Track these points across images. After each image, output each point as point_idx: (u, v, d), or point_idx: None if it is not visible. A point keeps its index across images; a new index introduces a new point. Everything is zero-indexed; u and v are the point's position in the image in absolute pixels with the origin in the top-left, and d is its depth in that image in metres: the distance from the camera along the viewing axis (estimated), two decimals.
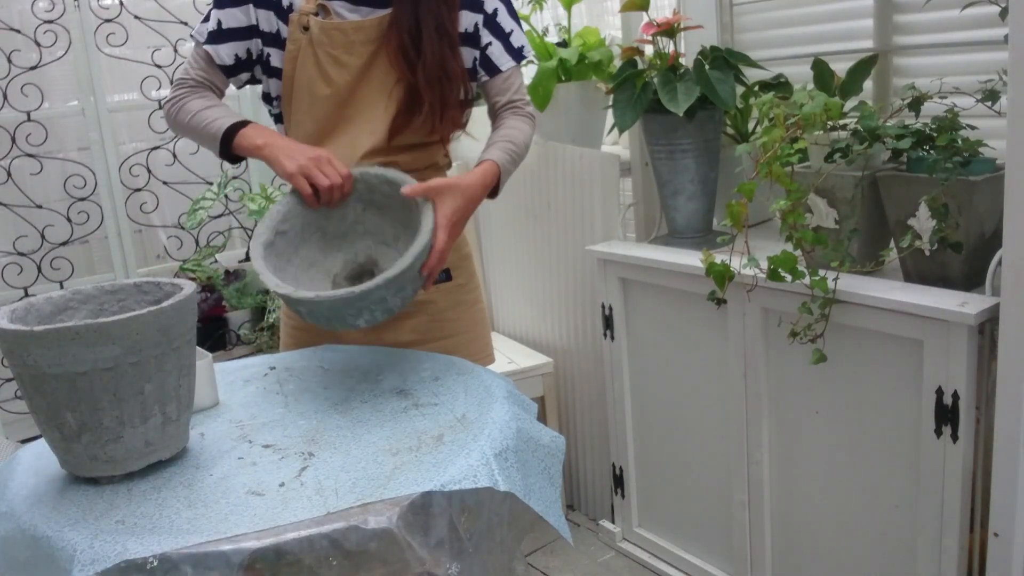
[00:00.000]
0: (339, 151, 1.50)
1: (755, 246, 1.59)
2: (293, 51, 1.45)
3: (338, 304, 1.23)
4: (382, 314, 1.27)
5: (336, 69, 1.45)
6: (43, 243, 2.82)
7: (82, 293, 1.13)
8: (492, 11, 1.50)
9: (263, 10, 1.44)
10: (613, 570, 2.20)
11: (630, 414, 2.13)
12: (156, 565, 0.87)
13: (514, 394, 1.26)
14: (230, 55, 1.46)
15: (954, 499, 1.44)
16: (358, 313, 1.25)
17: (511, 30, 1.53)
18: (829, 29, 1.97)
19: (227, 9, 1.45)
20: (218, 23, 1.45)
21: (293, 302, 1.27)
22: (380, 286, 1.22)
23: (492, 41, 1.51)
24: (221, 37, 1.45)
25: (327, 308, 1.24)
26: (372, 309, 1.26)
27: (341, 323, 1.28)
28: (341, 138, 1.50)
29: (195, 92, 1.48)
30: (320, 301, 1.23)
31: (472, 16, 1.49)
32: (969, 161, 1.45)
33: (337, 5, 1.44)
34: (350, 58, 1.44)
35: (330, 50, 1.44)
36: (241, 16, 1.44)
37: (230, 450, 1.12)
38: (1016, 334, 1.29)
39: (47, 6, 2.73)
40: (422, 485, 0.98)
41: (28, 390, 1.00)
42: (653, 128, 1.94)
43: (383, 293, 1.24)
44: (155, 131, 2.94)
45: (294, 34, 1.44)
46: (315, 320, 1.29)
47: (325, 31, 1.43)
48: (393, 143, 1.49)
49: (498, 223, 2.63)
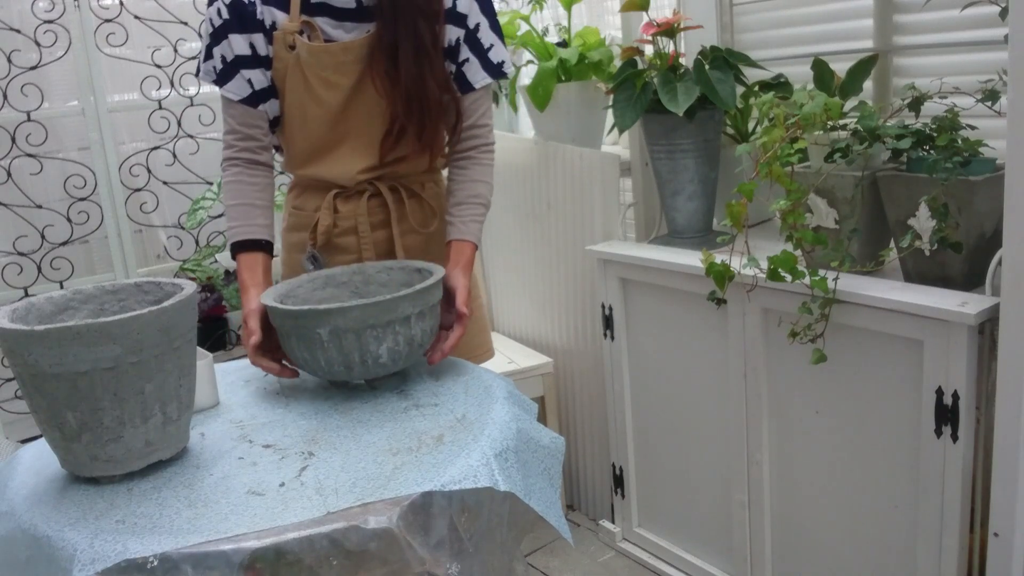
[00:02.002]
0: (335, 170, 1.51)
1: (755, 246, 1.59)
2: (280, 70, 1.44)
3: (371, 314, 1.19)
4: (404, 344, 1.24)
5: (326, 90, 1.44)
6: (43, 243, 2.82)
7: (83, 293, 1.13)
8: (474, 26, 1.48)
9: (253, 34, 1.42)
10: (613, 570, 2.20)
11: (630, 414, 2.13)
12: (156, 565, 0.87)
13: (514, 394, 1.26)
14: (243, 88, 1.45)
15: (954, 499, 1.44)
16: (383, 335, 1.21)
17: (490, 45, 1.51)
18: (829, 29, 1.97)
19: (223, 42, 1.43)
20: (222, 59, 1.44)
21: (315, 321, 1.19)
22: (408, 295, 1.21)
23: (469, 57, 1.49)
24: (230, 73, 1.44)
25: (355, 321, 1.19)
26: (396, 332, 1.22)
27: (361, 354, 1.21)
28: (336, 157, 1.50)
29: (232, 168, 1.48)
30: (349, 310, 1.18)
31: (455, 30, 1.47)
32: (969, 161, 1.45)
33: (321, 21, 1.42)
34: (340, 78, 1.44)
35: (319, 71, 1.43)
36: (242, 44, 1.42)
37: (230, 450, 1.12)
38: (1016, 334, 1.29)
39: (47, 6, 2.73)
40: (422, 485, 0.98)
41: (28, 390, 1.00)
42: (653, 128, 1.94)
43: (408, 309, 1.22)
44: (155, 131, 2.94)
45: (280, 52, 1.43)
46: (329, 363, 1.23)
47: (314, 54, 1.42)
48: (385, 160, 1.50)
49: (498, 223, 2.63)
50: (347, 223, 1.55)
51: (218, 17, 1.42)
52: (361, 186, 1.54)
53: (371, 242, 1.55)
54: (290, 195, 1.62)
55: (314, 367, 1.25)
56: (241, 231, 1.46)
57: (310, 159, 1.52)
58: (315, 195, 1.56)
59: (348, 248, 1.57)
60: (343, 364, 1.22)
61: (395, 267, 1.41)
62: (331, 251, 1.56)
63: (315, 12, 1.42)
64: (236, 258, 1.45)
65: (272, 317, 1.28)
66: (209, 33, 1.44)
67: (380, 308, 1.20)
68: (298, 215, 1.59)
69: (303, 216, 1.58)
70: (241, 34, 1.42)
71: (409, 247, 1.59)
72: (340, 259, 1.55)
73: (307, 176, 1.54)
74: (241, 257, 1.45)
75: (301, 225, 1.58)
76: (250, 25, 1.42)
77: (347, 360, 1.22)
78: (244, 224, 1.46)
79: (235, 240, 1.46)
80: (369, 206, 1.55)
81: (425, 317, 1.26)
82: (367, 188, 1.54)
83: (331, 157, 1.51)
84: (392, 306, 1.20)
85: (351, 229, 1.55)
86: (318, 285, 1.40)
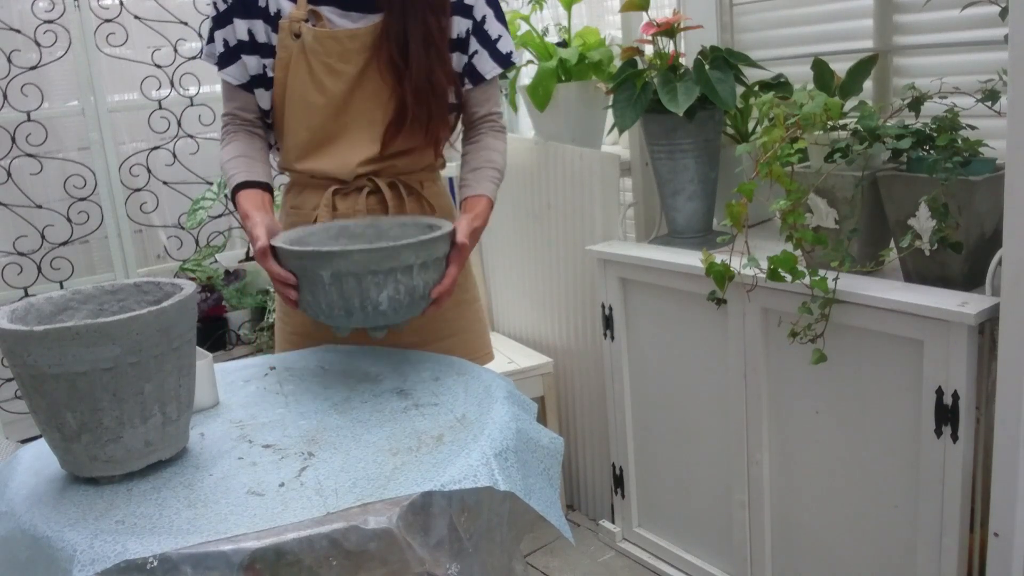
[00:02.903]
0: (336, 161, 1.51)
1: (755, 246, 1.59)
2: (285, 58, 1.44)
3: (373, 259, 1.20)
4: (406, 294, 1.25)
5: (330, 78, 1.44)
6: (43, 243, 2.82)
7: (82, 293, 1.13)
8: (481, 18, 1.50)
9: (254, 20, 1.44)
10: (613, 570, 2.20)
11: (630, 414, 2.13)
12: (156, 565, 0.87)
13: (514, 394, 1.26)
14: (243, 74, 1.47)
15: (954, 499, 1.44)
16: (384, 282, 1.23)
17: (498, 36, 1.52)
18: (829, 29, 1.97)
19: (226, 27, 1.45)
20: (224, 43, 1.46)
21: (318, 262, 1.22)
22: (413, 244, 1.23)
23: (478, 49, 1.51)
24: (231, 57, 1.46)
25: (357, 265, 1.20)
26: (398, 280, 1.23)
27: (362, 299, 1.23)
28: (337, 148, 1.50)
29: (230, 135, 1.51)
30: (351, 253, 1.20)
31: (464, 22, 1.49)
32: (969, 161, 1.45)
33: (327, 11, 1.43)
34: (345, 66, 1.44)
35: (324, 59, 1.43)
36: (242, 29, 1.44)
37: (230, 450, 1.12)
38: (1016, 334, 1.29)
39: (47, 6, 2.73)
40: (422, 485, 0.98)
41: (28, 390, 1.00)
42: (653, 128, 1.94)
43: (411, 259, 1.23)
44: (155, 131, 2.94)
45: (285, 40, 1.43)
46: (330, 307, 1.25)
47: (319, 39, 1.42)
48: (387, 152, 1.50)
49: (498, 223, 2.63)
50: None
51: (223, 2, 1.44)
52: (360, 182, 1.54)
53: None
54: (287, 195, 1.61)
55: (316, 310, 1.27)
56: (242, 175, 1.45)
57: (310, 151, 1.51)
58: (313, 193, 1.56)
59: None
60: (343, 308, 1.24)
61: (408, 222, 1.42)
62: None
63: (321, 1, 1.43)
64: (236, 197, 1.44)
65: (280, 258, 1.29)
66: (213, 17, 1.46)
67: (383, 254, 1.21)
68: (296, 214, 1.58)
69: (301, 215, 1.57)
70: (244, 19, 1.44)
71: None
72: None
73: (305, 171, 1.54)
74: (243, 192, 1.43)
75: (299, 225, 1.58)
76: (252, 11, 1.44)
77: (347, 305, 1.24)
78: (246, 170, 1.46)
79: (237, 181, 1.45)
80: (368, 203, 1.54)
81: (428, 268, 1.27)
82: (366, 184, 1.54)
83: (331, 148, 1.50)
84: (395, 253, 1.21)
85: None
86: (332, 235, 1.41)
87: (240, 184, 1.45)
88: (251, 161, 1.49)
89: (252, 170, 1.47)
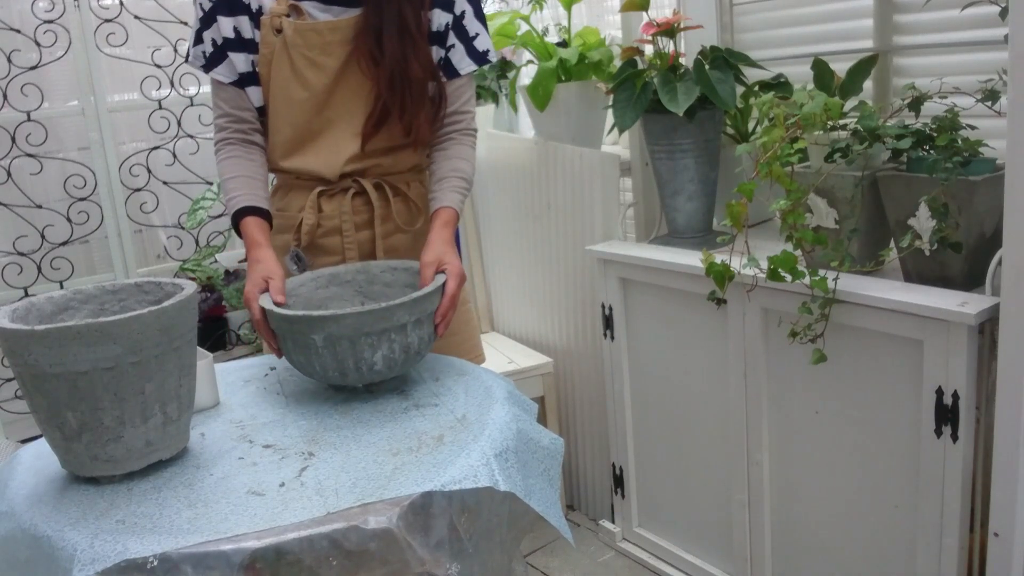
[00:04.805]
0: (322, 158, 1.50)
1: (755, 246, 1.59)
2: (267, 55, 1.44)
3: (366, 322, 1.17)
4: (400, 351, 1.22)
5: (312, 72, 1.44)
6: (43, 243, 2.82)
7: (83, 293, 1.13)
8: (460, 13, 1.50)
9: (239, 17, 1.44)
10: (613, 570, 2.20)
11: (630, 414, 2.13)
12: (156, 565, 0.87)
13: (514, 395, 1.26)
14: (232, 72, 1.47)
15: (954, 499, 1.44)
16: (378, 343, 1.19)
17: (476, 33, 1.52)
18: (829, 29, 1.97)
19: (212, 26, 1.45)
20: (212, 42, 1.45)
21: (309, 327, 1.18)
22: (404, 303, 1.20)
23: (455, 44, 1.51)
24: (219, 56, 1.46)
25: (350, 329, 1.17)
26: (392, 340, 1.20)
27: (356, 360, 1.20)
28: (321, 144, 1.50)
29: (228, 146, 1.50)
30: (343, 317, 1.16)
31: (444, 16, 1.49)
32: (969, 161, 1.45)
33: (308, 5, 1.44)
34: (327, 60, 1.44)
35: (305, 52, 1.43)
36: (227, 26, 1.44)
37: (230, 450, 1.12)
38: (1016, 334, 1.29)
39: (47, 6, 2.73)
40: (422, 485, 0.98)
41: (29, 390, 1.00)
42: (653, 128, 1.94)
43: (404, 318, 1.20)
44: (155, 131, 2.94)
45: (267, 37, 1.43)
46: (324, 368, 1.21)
47: (300, 33, 1.42)
48: (368, 148, 1.49)
49: (498, 223, 2.63)
50: (331, 223, 1.54)
51: (208, 1, 1.44)
52: (345, 182, 1.53)
53: (355, 242, 1.55)
54: (273, 198, 1.60)
55: (309, 371, 1.25)
56: (245, 198, 1.45)
57: (294, 149, 1.51)
58: (299, 195, 1.55)
59: (331, 250, 1.56)
60: (337, 370, 1.22)
61: (399, 267, 1.41)
62: (314, 252, 1.56)
63: None
64: (241, 223, 1.44)
65: (269, 319, 1.27)
66: (199, 17, 1.46)
67: (375, 316, 1.18)
68: (282, 217, 1.57)
69: (287, 218, 1.57)
70: (229, 17, 1.44)
71: (395, 247, 1.58)
72: (323, 261, 1.55)
73: (291, 170, 1.54)
74: (248, 219, 1.44)
75: (285, 227, 1.57)
76: (236, 8, 1.44)
77: (342, 366, 1.21)
78: (247, 193, 1.46)
79: (240, 205, 1.45)
80: (353, 205, 1.54)
81: (422, 324, 1.25)
82: (351, 185, 1.54)
83: (316, 145, 1.50)
84: (388, 314, 1.19)
85: (335, 229, 1.55)
86: (321, 284, 1.39)
87: (244, 210, 1.45)
88: (251, 181, 1.48)
89: (254, 192, 1.47)
